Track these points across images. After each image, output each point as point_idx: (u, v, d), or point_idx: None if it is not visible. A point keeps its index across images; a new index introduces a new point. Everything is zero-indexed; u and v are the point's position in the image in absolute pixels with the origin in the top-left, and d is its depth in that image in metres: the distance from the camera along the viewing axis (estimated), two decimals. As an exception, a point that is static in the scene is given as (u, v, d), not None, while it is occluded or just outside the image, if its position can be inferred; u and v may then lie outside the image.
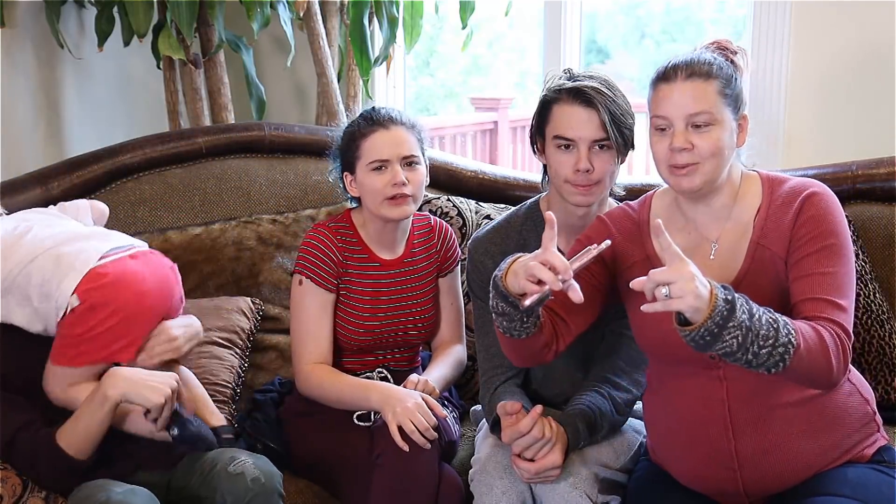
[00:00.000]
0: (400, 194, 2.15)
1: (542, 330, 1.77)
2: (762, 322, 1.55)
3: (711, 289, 1.53)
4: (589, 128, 1.96)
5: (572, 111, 1.97)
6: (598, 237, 1.89)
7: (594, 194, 2.01)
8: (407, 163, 2.18)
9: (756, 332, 1.54)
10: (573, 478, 1.90)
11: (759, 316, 1.56)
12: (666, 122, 1.75)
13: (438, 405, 2.05)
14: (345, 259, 2.22)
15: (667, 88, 1.75)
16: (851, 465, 1.78)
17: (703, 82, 1.73)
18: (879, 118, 2.85)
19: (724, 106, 1.74)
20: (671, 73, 1.75)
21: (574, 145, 1.97)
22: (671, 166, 1.75)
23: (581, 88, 1.97)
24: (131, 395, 1.87)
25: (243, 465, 1.91)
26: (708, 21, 8.22)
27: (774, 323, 1.56)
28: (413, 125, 2.22)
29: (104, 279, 1.95)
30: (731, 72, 1.77)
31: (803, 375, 1.64)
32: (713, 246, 1.81)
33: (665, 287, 1.52)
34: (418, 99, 7.92)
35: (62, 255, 1.96)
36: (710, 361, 1.77)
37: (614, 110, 1.96)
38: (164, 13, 2.89)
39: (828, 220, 1.74)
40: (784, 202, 1.77)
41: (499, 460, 1.96)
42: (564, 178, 1.99)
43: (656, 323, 1.80)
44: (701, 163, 1.73)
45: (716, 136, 1.73)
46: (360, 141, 2.18)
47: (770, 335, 1.55)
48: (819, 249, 1.72)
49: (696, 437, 1.80)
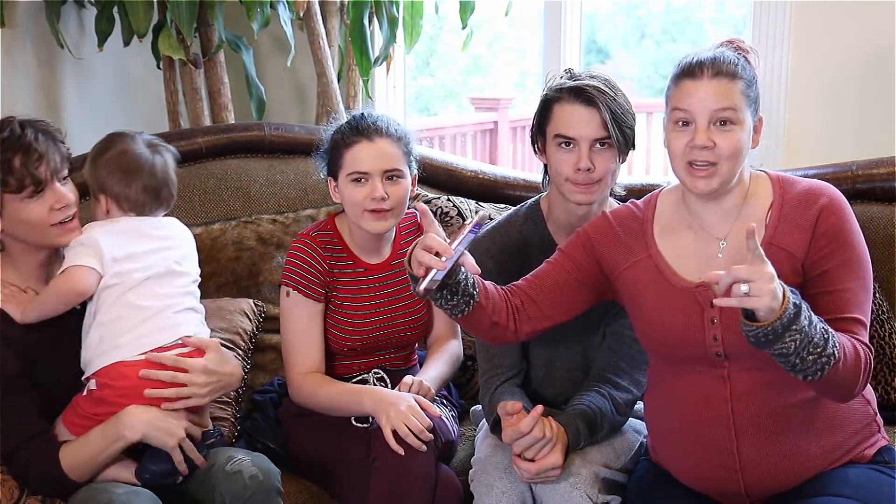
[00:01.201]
0: (379, 209, 2.13)
1: (485, 309, 1.80)
2: (817, 330, 1.58)
3: (784, 291, 1.55)
4: (590, 126, 1.96)
5: (573, 110, 1.97)
6: (600, 232, 1.90)
7: (595, 193, 2.00)
8: (388, 177, 2.14)
9: (811, 338, 1.57)
10: (573, 478, 1.90)
11: (815, 324, 1.59)
12: (688, 115, 1.73)
13: (432, 405, 2.04)
14: (330, 268, 2.21)
15: (692, 85, 1.73)
16: (852, 465, 1.79)
17: (728, 81, 1.72)
18: (879, 118, 2.85)
19: (746, 107, 1.73)
20: (697, 70, 1.73)
21: (575, 144, 1.97)
22: (689, 163, 1.73)
23: (582, 87, 1.97)
24: (151, 438, 1.88)
25: (241, 464, 1.91)
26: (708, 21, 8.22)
27: (826, 333, 1.60)
28: (400, 137, 2.16)
29: (120, 382, 1.92)
30: (752, 73, 1.77)
31: (829, 386, 1.66)
32: (721, 244, 1.81)
33: (745, 284, 1.53)
34: (418, 99, 7.92)
35: (118, 331, 1.94)
36: (715, 360, 1.77)
37: (615, 109, 1.96)
38: (164, 13, 2.89)
39: (845, 231, 1.76)
40: (799, 204, 1.77)
41: (499, 460, 1.96)
42: (565, 177, 1.99)
43: (660, 322, 1.80)
44: (719, 164, 1.72)
45: (737, 137, 1.72)
46: (343, 150, 2.15)
47: (820, 344, 1.58)
48: (840, 264, 1.74)
49: (697, 436, 1.80)
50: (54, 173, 1.91)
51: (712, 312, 1.76)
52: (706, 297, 1.77)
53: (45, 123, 1.96)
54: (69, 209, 1.94)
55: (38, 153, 1.88)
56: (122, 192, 2.01)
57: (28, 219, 1.90)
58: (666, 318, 1.80)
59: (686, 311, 1.79)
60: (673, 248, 1.84)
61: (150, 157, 2.03)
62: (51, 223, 1.92)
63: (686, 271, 1.81)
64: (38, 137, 1.90)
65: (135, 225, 2.02)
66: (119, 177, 2.00)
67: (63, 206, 1.92)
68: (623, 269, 1.87)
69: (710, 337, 1.76)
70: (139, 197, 2.01)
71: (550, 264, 1.91)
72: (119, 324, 1.93)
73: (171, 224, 2.09)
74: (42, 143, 1.90)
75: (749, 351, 1.73)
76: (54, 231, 1.93)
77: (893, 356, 2.38)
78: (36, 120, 1.96)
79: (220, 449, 2.01)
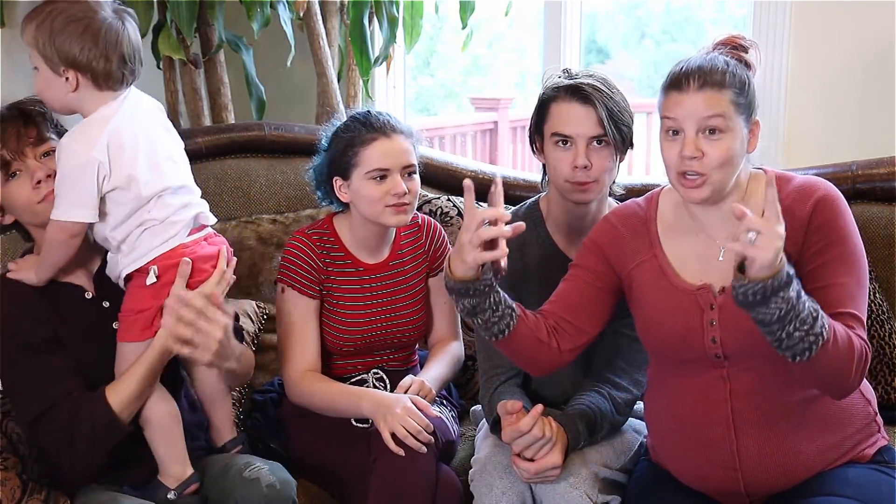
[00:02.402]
0: (400, 203, 2.13)
1: (526, 323, 1.80)
2: (805, 306, 1.58)
3: (782, 258, 1.55)
4: (586, 124, 1.97)
5: (570, 108, 1.98)
6: (605, 236, 1.90)
7: (593, 191, 2.02)
8: (407, 172, 2.15)
9: (797, 312, 1.56)
10: (573, 478, 1.90)
11: (804, 301, 1.58)
12: (676, 124, 1.72)
13: (429, 406, 2.04)
14: (325, 265, 2.21)
15: (678, 97, 1.72)
16: (852, 465, 1.79)
17: (715, 92, 1.70)
18: (879, 118, 2.85)
19: (737, 115, 1.71)
20: (683, 82, 1.71)
21: (572, 142, 1.98)
22: (679, 174, 1.73)
23: (578, 86, 1.98)
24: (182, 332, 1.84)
25: (259, 471, 1.88)
26: (708, 21, 8.23)
27: (815, 312, 1.59)
28: (410, 132, 2.18)
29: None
30: (744, 77, 1.74)
31: (823, 372, 1.65)
32: (722, 248, 1.80)
33: (754, 233, 1.52)
34: (418, 99, 7.92)
35: (172, 209, 1.88)
36: (715, 360, 1.77)
37: (612, 107, 1.97)
38: (164, 13, 2.89)
39: (839, 226, 1.74)
40: (794, 202, 1.77)
41: (499, 460, 1.96)
42: (563, 177, 2.00)
43: (660, 322, 1.81)
44: (709, 174, 1.71)
45: (726, 145, 1.70)
46: (360, 148, 2.13)
47: (808, 321, 1.57)
48: (834, 258, 1.73)
49: (697, 436, 1.80)
50: (22, 151, 1.82)
51: (711, 315, 1.77)
52: (706, 299, 1.78)
53: (22, 102, 1.88)
54: (48, 184, 1.83)
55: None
56: (100, 65, 1.79)
57: (15, 202, 1.85)
58: (666, 318, 1.80)
59: (686, 312, 1.79)
60: (676, 249, 1.84)
61: (121, 24, 1.83)
62: (36, 201, 1.84)
63: (688, 273, 1.82)
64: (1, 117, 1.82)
65: (121, 117, 1.84)
66: (91, 45, 1.78)
67: (38, 183, 1.82)
68: (630, 268, 1.87)
69: (708, 338, 1.77)
70: (119, 71, 1.81)
71: (569, 281, 1.91)
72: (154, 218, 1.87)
73: (143, 103, 1.92)
74: (2, 122, 1.82)
75: (748, 351, 1.73)
76: (40, 208, 1.84)
77: (893, 356, 2.38)
78: (19, 101, 1.88)
79: (235, 454, 2.02)
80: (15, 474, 1.91)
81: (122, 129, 1.84)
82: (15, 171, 1.84)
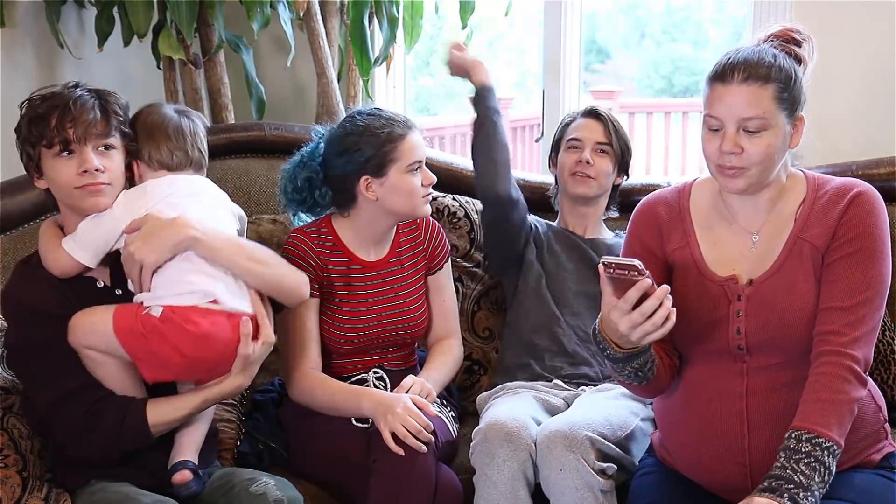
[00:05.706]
0: (429, 193, 2.21)
1: (657, 352, 1.81)
2: (817, 483, 1.63)
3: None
4: (594, 132, 2.48)
5: (584, 122, 2.51)
6: (647, 216, 1.90)
7: (590, 186, 2.46)
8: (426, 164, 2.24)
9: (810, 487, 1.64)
10: (571, 442, 1.92)
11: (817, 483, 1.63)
12: (718, 122, 1.72)
13: (429, 405, 2.05)
14: (324, 263, 2.22)
15: (722, 89, 1.71)
16: (858, 469, 1.80)
17: (759, 87, 1.69)
18: (879, 118, 2.85)
19: (780, 111, 1.71)
20: (728, 74, 1.71)
21: (581, 145, 2.47)
22: (719, 166, 1.74)
23: (594, 108, 2.55)
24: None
25: (266, 486, 1.88)
26: (708, 21, 8.23)
27: (825, 468, 1.65)
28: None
29: (193, 328, 1.86)
30: (791, 72, 1.73)
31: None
32: (754, 238, 1.81)
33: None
34: (418, 99, 7.92)
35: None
36: (736, 353, 1.78)
37: (617, 127, 2.51)
38: (164, 13, 2.89)
39: (869, 224, 1.74)
40: (830, 199, 1.77)
41: (500, 429, 1.99)
42: (569, 171, 2.47)
43: (686, 310, 1.77)
44: (748, 168, 1.71)
45: (766, 142, 1.70)
46: (398, 143, 2.16)
47: (824, 475, 1.64)
48: (853, 253, 1.73)
49: (709, 429, 1.81)
50: (85, 137, 1.86)
51: (738, 305, 1.78)
52: (734, 290, 1.79)
53: (107, 92, 1.94)
54: (93, 176, 1.87)
55: (73, 115, 1.85)
56: (151, 153, 1.97)
57: (56, 178, 1.89)
58: (692, 306, 1.80)
59: (714, 301, 1.80)
60: (709, 238, 1.85)
61: (178, 119, 2.01)
62: (75, 186, 1.88)
63: (718, 263, 1.83)
64: (81, 100, 1.87)
65: (162, 186, 1.96)
66: (145, 137, 1.97)
67: (85, 172, 1.87)
68: (670, 250, 1.87)
69: (733, 329, 1.78)
70: (170, 156, 1.98)
71: None
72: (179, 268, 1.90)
73: (201, 182, 2.04)
74: (82, 106, 1.87)
75: (770, 345, 1.74)
76: (77, 193, 1.89)
77: (893, 356, 2.37)
78: (101, 89, 1.94)
79: (239, 469, 2.01)
80: (15, 472, 1.91)
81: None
82: (71, 150, 1.88)
